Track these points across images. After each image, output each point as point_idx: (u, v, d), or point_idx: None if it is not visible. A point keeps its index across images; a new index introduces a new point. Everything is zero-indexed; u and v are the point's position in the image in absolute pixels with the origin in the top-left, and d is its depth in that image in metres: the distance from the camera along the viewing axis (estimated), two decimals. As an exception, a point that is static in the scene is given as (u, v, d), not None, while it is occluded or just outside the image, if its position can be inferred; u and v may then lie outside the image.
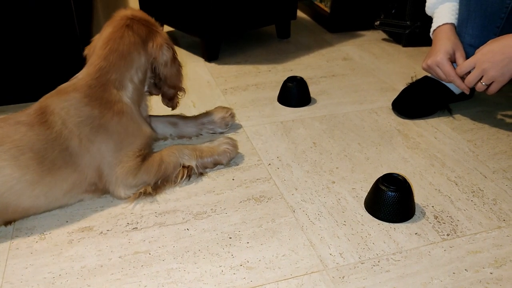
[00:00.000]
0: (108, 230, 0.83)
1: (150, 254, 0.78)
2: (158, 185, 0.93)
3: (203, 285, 0.72)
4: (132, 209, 0.88)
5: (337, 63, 1.59)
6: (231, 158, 1.02)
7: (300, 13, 2.12)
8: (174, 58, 1.00)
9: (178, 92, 1.05)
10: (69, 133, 0.85)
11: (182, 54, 1.64)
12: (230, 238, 0.82)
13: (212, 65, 1.56)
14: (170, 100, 1.05)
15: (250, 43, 1.74)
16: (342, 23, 1.89)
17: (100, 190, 0.90)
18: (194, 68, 1.53)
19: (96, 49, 0.94)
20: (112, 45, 0.92)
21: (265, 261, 0.77)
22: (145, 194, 0.91)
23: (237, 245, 0.80)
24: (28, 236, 0.82)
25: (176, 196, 0.92)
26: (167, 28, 1.81)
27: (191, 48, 1.69)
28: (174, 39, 1.76)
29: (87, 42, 1.01)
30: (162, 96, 1.05)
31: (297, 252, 0.79)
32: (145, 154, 0.93)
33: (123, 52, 0.92)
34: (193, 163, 0.96)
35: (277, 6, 1.69)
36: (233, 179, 0.97)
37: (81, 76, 0.92)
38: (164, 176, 0.93)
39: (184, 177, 0.95)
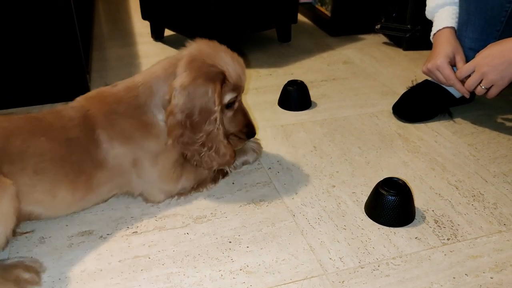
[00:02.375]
0: (108, 234, 0.84)
1: (149, 258, 0.78)
2: (194, 188, 0.93)
3: (202, 289, 0.72)
4: (132, 213, 0.88)
5: (338, 67, 1.59)
6: (258, 158, 1.04)
7: (301, 17, 2.12)
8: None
9: None
10: (112, 153, 0.84)
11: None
12: (230, 242, 0.82)
13: (213, 68, 1.56)
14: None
15: (251, 47, 1.74)
16: (343, 26, 1.89)
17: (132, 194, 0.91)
18: (195, 72, 1.53)
19: (151, 67, 0.91)
20: (154, 70, 0.89)
21: (265, 265, 0.77)
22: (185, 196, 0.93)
23: (236, 249, 0.80)
24: (28, 240, 0.82)
25: (176, 200, 0.92)
26: (168, 32, 1.81)
27: (192, 52, 1.69)
28: (175, 43, 1.76)
29: (88, 46, 1.01)
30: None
31: (297, 256, 0.79)
32: (183, 162, 0.92)
33: (158, 78, 0.87)
34: (227, 170, 0.99)
35: (278, 9, 1.69)
36: (233, 183, 0.97)
37: (127, 86, 0.88)
38: (200, 180, 0.94)
39: (220, 179, 0.97)
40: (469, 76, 1.10)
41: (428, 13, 1.26)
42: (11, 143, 0.76)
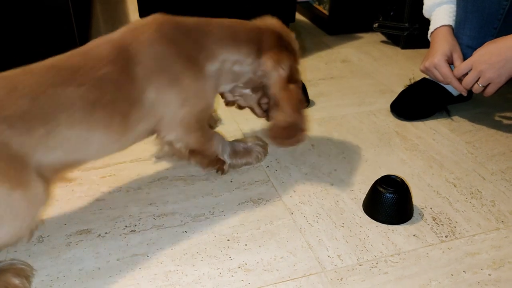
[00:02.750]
0: (106, 233, 0.83)
1: (148, 256, 0.78)
2: (194, 153, 0.94)
3: (201, 287, 0.72)
4: (130, 211, 0.88)
5: (335, 65, 1.59)
6: (261, 161, 1.04)
7: (298, 16, 2.12)
8: (293, 81, 0.92)
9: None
10: (147, 80, 0.81)
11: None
12: (228, 240, 0.82)
13: (211, 67, 1.56)
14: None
15: (249, 46, 1.74)
16: (340, 25, 1.89)
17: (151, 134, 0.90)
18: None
19: (224, 20, 0.92)
20: (234, 24, 0.91)
21: (263, 263, 0.77)
22: (180, 155, 0.94)
23: (235, 248, 0.80)
24: (27, 239, 0.82)
25: (174, 199, 0.92)
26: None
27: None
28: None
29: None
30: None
31: (295, 254, 0.79)
32: (203, 124, 0.93)
33: (237, 37, 0.90)
34: (227, 162, 0.99)
35: (276, 9, 1.69)
36: (231, 181, 0.97)
37: (180, 23, 0.87)
38: (203, 152, 0.95)
39: (214, 169, 0.99)
40: (466, 74, 1.10)
41: (426, 12, 1.26)
42: (39, 103, 0.72)
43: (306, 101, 1.29)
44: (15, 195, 0.68)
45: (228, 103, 1.04)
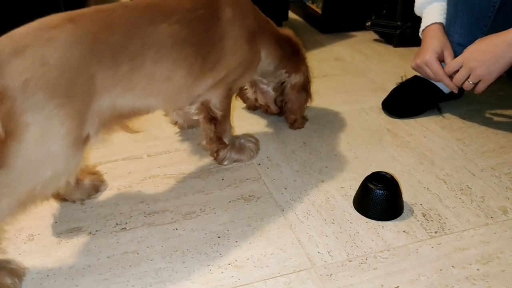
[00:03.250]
0: (97, 231, 0.83)
1: (138, 254, 0.78)
2: (214, 122, 0.96)
3: (191, 284, 0.73)
4: (121, 209, 0.89)
5: (328, 64, 1.59)
6: (253, 158, 1.04)
7: (292, 14, 2.13)
8: (305, 87, 1.11)
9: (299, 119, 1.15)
10: (231, 28, 0.88)
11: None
12: (219, 237, 0.82)
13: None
14: (292, 125, 1.16)
15: (242, 45, 1.74)
16: (333, 24, 1.90)
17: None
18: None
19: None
20: (275, 28, 1.06)
21: (253, 259, 0.77)
22: (210, 118, 0.96)
23: (225, 244, 0.80)
24: (16, 238, 0.82)
25: (165, 197, 0.92)
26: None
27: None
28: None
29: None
30: (286, 119, 1.16)
31: (285, 250, 0.79)
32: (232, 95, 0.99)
33: (278, 42, 1.04)
34: (228, 145, 1.00)
35: (269, 7, 1.69)
36: (222, 179, 0.97)
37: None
38: (221, 125, 0.97)
39: (215, 149, 1.00)
40: (457, 71, 1.11)
41: (417, 9, 1.26)
42: (131, 40, 0.74)
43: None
44: (73, 138, 0.68)
45: (246, 101, 1.22)
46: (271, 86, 1.11)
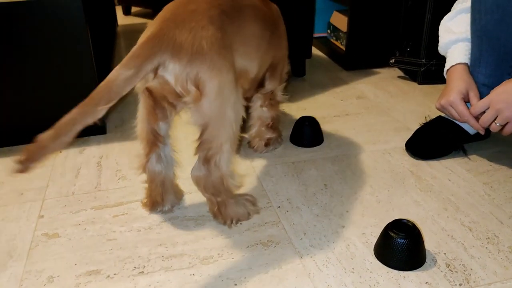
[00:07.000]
0: (115, 274, 0.84)
1: (154, 300, 0.78)
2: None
3: (206, 334, 0.72)
4: (140, 252, 0.89)
5: (351, 102, 1.59)
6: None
7: (315, 51, 2.14)
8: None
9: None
10: (278, 20, 1.14)
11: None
12: (236, 284, 0.81)
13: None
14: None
15: (265, 82, 1.76)
16: (357, 61, 1.90)
17: None
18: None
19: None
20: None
21: (270, 310, 0.76)
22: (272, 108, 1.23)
23: (242, 292, 0.79)
24: (37, 279, 0.83)
25: (184, 239, 0.92)
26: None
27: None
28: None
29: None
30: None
31: (303, 301, 0.77)
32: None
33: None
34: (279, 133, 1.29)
35: (292, 45, 1.71)
36: (241, 223, 0.97)
37: None
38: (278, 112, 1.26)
39: (264, 139, 1.25)
40: (483, 112, 1.08)
41: (441, 49, 1.26)
42: (241, 26, 0.96)
43: (320, 139, 1.29)
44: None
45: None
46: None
